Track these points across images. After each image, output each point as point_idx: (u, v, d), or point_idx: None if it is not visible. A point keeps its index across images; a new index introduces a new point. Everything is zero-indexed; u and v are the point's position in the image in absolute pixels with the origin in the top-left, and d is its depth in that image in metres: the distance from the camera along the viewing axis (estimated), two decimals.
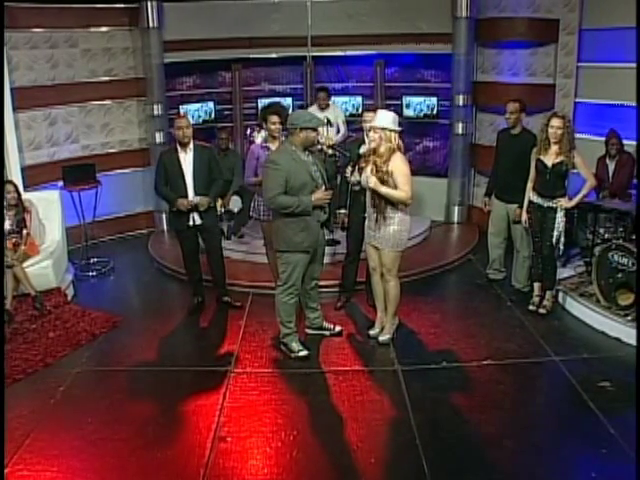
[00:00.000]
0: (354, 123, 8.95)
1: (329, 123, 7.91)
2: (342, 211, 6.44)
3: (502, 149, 6.97)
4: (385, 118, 5.52)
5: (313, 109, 8.47)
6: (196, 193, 6.43)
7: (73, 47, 8.79)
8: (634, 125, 6.80)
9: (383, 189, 5.44)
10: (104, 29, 9.00)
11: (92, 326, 6.48)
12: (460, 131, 9.26)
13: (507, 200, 6.84)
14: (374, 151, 5.53)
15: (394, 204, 5.56)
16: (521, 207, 6.54)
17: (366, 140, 5.99)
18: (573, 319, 6.49)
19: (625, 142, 7.24)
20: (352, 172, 5.75)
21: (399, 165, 5.49)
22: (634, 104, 6.69)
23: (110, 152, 9.33)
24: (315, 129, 5.50)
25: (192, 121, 6.63)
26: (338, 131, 8.62)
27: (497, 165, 7.06)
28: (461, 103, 9.13)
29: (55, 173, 8.30)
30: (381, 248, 5.72)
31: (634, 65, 6.73)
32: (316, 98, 8.90)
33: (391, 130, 5.49)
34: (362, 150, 5.55)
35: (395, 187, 5.46)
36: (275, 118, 6.36)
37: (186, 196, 6.41)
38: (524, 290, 6.94)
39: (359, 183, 5.63)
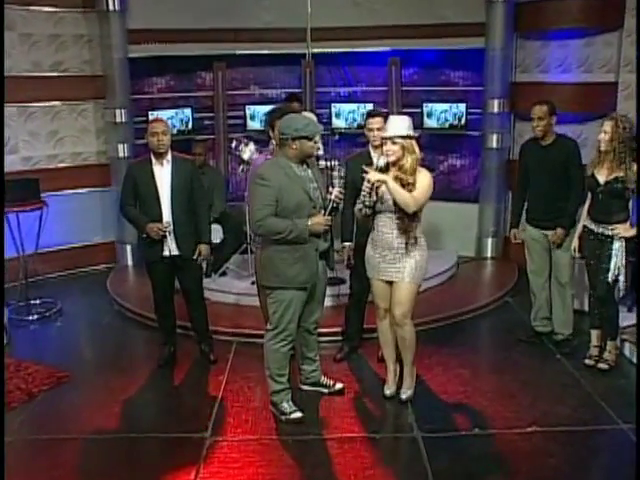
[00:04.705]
0: (362, 136, 8.87)
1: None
2: (347, 244, 6.40)
3: (532, 165, 6.79)
4: (402, 124, 5.53)
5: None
6: (173, 216, 6.31)
7: (9, 30, 8.58)
8: None
9: (391, 184, 5.37)
10: (48, 9, 8.94)
11: (29, 383, 6.36)
12: (494, 145, 9.31)
13: (547, 226, 6.68)
14: (395, 165, 5.52)
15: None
16: (563, 228, 6.46)
17: (373, 153, 6.14)
18: None
19: None
20: (369, 193, 5.61)
21: (422, 178, 5.54)
22: None
23: (60, 167, 9.33)
24: (311, 138, 5.42)
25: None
26: None
27: (526, 186, 6.88)
28: (496, 110, 9.18)
29: None
30: (398, 281, 5.68)
31: None
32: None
33: (412, 137, 5.52)
34: (381, 163, 5.48)
35: None
36: None
37: (160, 219, 6.28)
38: (569, 338, 6.88)
39: (372, 206, 5.56)
